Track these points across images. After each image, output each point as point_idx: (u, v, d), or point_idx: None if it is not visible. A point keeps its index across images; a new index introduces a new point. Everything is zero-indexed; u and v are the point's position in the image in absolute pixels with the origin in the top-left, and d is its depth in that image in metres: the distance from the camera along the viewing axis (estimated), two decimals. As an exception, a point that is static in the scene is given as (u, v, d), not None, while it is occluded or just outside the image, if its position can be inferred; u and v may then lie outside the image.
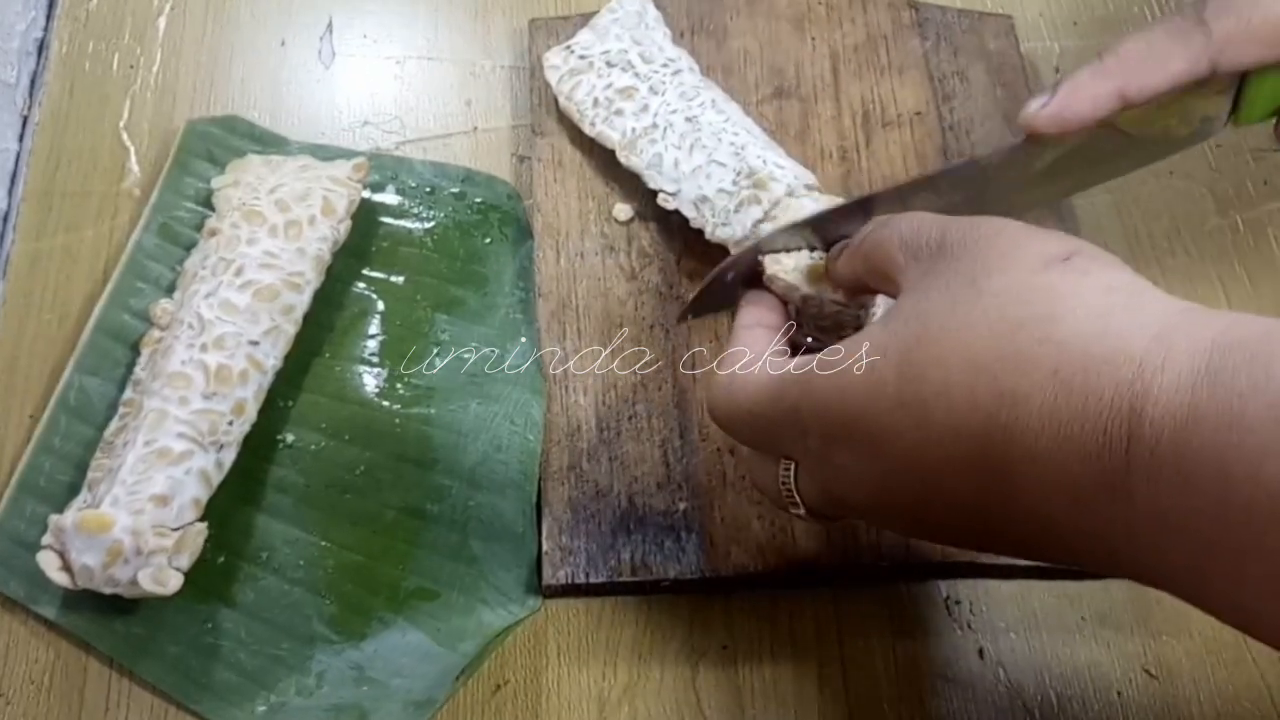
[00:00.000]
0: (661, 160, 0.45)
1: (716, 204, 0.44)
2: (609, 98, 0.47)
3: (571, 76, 0.48)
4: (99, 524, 0.37)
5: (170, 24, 0.54)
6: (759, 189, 0.42)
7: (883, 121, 0.49)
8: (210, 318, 0.41)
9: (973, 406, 0.27)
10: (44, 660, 0.41)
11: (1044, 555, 0.29)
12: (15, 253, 0.49)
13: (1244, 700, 0.40)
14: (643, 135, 0.46)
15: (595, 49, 0.48)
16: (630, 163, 0.46)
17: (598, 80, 0.47)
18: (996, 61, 0.50)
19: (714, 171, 0.44)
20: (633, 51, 0.48)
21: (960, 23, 0.51)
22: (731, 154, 0.44)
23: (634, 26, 0.49)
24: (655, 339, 0.44)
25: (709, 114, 0.46)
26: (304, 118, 0.52)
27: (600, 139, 0.47)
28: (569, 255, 0.46)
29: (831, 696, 0.40)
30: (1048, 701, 0.40)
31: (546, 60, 0.49)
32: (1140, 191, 0.50)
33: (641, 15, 0.50)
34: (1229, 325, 0.25)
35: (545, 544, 0.40)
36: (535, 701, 0.40)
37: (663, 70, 0.47)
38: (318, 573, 0.41)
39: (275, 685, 0.39)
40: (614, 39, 0.49)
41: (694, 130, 0.45)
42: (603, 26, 0.49)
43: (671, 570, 0.40)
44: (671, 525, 0.41)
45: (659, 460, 0.42)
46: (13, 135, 0.52)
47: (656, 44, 0.49)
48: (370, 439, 0.44)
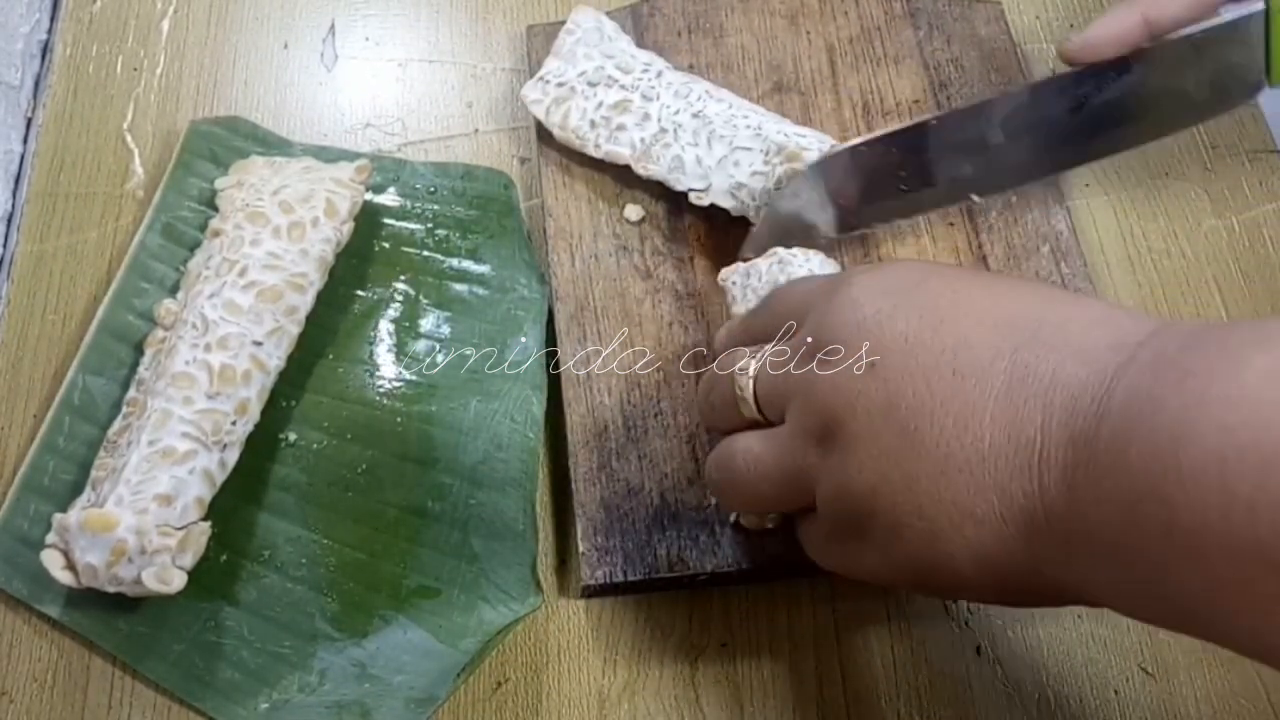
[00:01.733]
0: (682, 161, 0.45)
1: (754, 187, 0.44)
2: (605, 116, 0.47)
3: (558, 106, 0.47)
4: (103, 523, 0.37)
5: (174, 26, 0.55)
6: (792, 161, 0.43)
7: (882, 111, 0.50)
8: (214, 318, 0.41)
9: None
10: (47, 658, 0.41)
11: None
12: (20, 254, 0.49)
13: (1241, 699, 0.40)
14: (654, 143, 0.46)
15: (570, 73, 0.48)
16: (649, 172, 0.46)
17: (586, 103, 0.47)
18: (989, 47, 0.51)
19: (741, 158, 0.44)
20: (608, 66, 0.48)
21: (951, 11, 0.52)
22: (752, 136, 0.45)
23: (598, 42, 0.49)
24: (674, 336, 0.45)
25: (711, 105, 0.46)
26: (306, 119, 0.52)
27: (610, 158, 0.47)
28: (583, 258, 0.47)
29: (830, 694, 0.40)
30: (1045, 700, 0.40)
31: (526, 96, 0.48)
32: (1136, 192, 0.50)
33: (600, 29, 0.49)
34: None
35: (581, 545, 0.41)
36: (536, 699, 0.40)
37: (645, 75, 0.47)
38: (320, 571, 0.42)
39: (278, 683, 0.40)
40: (583, 59, 0.48)
41: (704, 125, 0.45)
42: (567, 50, 0.48)
43: (709, 564, 0.40)
44: (705, 520, 0.41)
45: (687, 456, 0.42)
46: (17, 137, 0.53)
47: (627, 53, 0.48)
48: (372, 438, 0.44)
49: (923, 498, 0.27)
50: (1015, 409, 0.26)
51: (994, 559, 0.27)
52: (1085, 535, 0.25)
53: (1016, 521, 0.26)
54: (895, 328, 0.29)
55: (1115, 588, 0.25)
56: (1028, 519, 0.26)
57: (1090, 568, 0.25)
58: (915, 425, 0.27)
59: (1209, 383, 0.23)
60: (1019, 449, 0.26)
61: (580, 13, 0.49)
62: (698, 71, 0.50)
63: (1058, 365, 0.26)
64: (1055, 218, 0.47)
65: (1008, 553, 0.27)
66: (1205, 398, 0.22)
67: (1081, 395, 0.25)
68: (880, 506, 0.28)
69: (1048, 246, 0.46)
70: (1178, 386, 0.23)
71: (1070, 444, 0.25)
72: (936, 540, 0.28)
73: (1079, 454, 0.25)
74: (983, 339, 0.27)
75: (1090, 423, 0.25)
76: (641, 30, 0.52)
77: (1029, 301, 0.28)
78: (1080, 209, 0.49)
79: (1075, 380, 0.26)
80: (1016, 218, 0.47)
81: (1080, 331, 0.27)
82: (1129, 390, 0.24)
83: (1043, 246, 0.46)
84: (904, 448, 0.28)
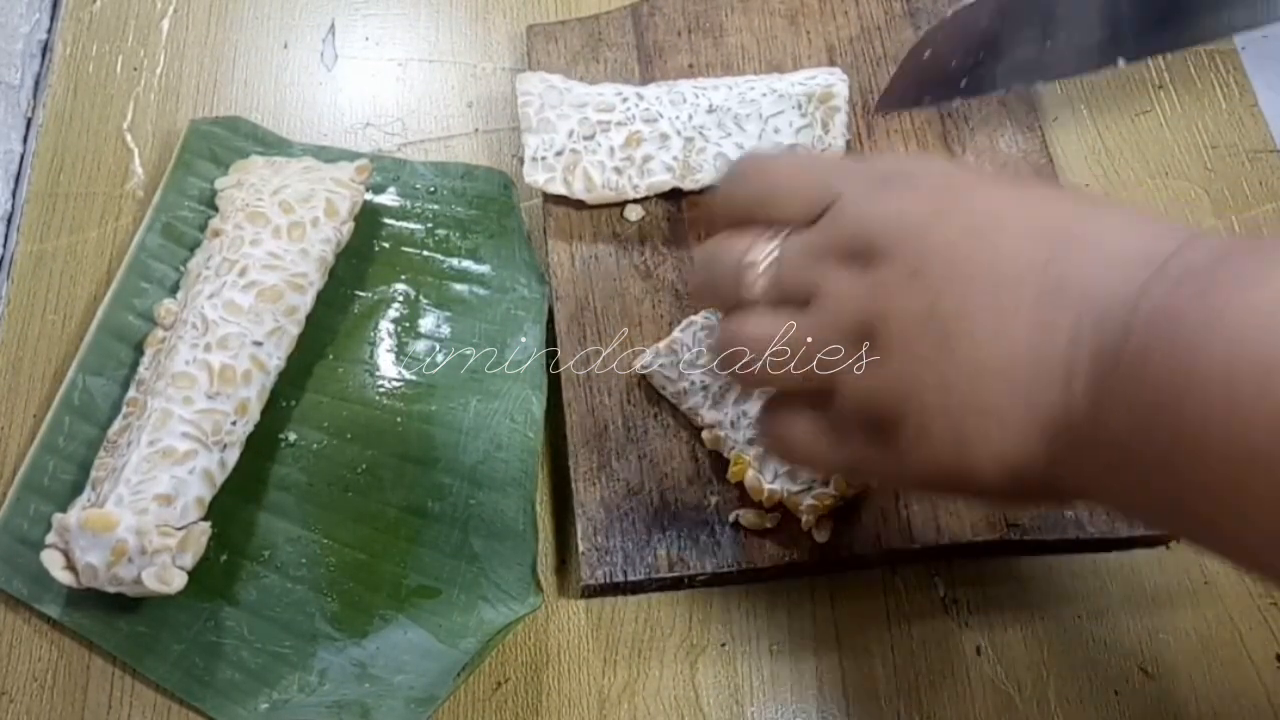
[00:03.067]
0: (726, 156, 0.45)
1: (806, 142, 0.45)
2: (624, 159, 0.46)
3: (572, 173, 0.46)
4: (104, 523, 0.37)
5: (173, 26, 0.55)
6: (826, 102, 0.44)
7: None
8: (214, 318, 0.41)
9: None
10: (47, 658, 0.41)
11: None
12: (19, 254, 0.49)
13: (1241, 699, 0.40)
14: (689, 154, 0.46)
15: (558, 139, 0.46)
16: (698, 183, 0.46)
17: (596, 156, 0.46)
18: None
19: (777, 124, 0.45)
20: (590, 113, 0.46)
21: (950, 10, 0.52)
22: (775, 100, 0.45)
23: (559, 100, 0.47)
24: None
25: (712, 94, 0.46)
26: (306, 119, 0.52)
27: (654, 190, 0.46)
28: (583, 258, 0.47)
29: (830, 694, 0.40)
30: (1045, 699, 0.40)
31: (531, 180, 0.46)
32: (1136, 191, 0.50)
33: (552, 86, 0.47)
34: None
35: (581, 545, 0.41)
36: (536, 699, 0.40)
37: (629, 103, 0.47)
38: (320, 571, 0.42)
39: (278, 683, 0.40)
40: (560, 120, 0.47)
41: (725, 114, 0.46)
42: (537, 120, 0.47)
43: (709, 564, 0.40)
44: (705, 520, 0.41)
45: (687, 456, 0.42)
46: (17, 137, 0.53)
47: (593, 93, 0.47)
48: (372, 438, 0.44)
49: (954, 403, 0.28)
50: (1048, 320, 0.27)
51: (1014, 462, 0.28)
52: (1104, 443, 0.26)
53: (1042, 427, 0.27)
54: (940, 236, 0.29)
55: (1123, 491, 0.27)
56: (1053, 426, 0.27)
57: (1104, 472, 0.26)
58: (952, 332, 0.28)
59: (1228, 297, 0.24)
60: (1049, 359, 0.27)
61: (525, 81, 0.47)
62: (697, 71, 0.50)
63: (1090, 277, 0.27)
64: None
65: (1029, 455, 0.27)
66: (1222, 312, 0.24)
67: (1110, 308, 0.26)
68: (910, 409, 0.29)
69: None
70: (1199, 300, 0.24)
71: (1098, 356, 0.26)
72: (963, 443, 0.28)
73: (1105, 365, 0.26)
74: (1020, 250, 0.28)
75: (1117, 336, 0.26)
76: (641, 30, 0.52)
77: (1065, 211, 0.29)
78: (1080, 209, 0.49)
79: (1106, 292, 0.26)
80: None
81: (1113, 243, 0.27)
82: (1154, 304, 0.25)
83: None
84: (940, 354, 0.28)
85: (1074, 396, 0.26)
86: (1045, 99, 0.52)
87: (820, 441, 0.33)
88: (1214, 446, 0.23)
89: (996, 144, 0.48)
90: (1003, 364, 0.27)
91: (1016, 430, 0.27)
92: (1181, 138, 0.51)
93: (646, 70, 0.51)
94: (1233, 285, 0.24)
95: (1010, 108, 0.49)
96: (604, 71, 0.51)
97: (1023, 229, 0.29)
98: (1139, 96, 0.52)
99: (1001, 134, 0.49)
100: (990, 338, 0.28)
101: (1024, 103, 0.49)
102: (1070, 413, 0.26)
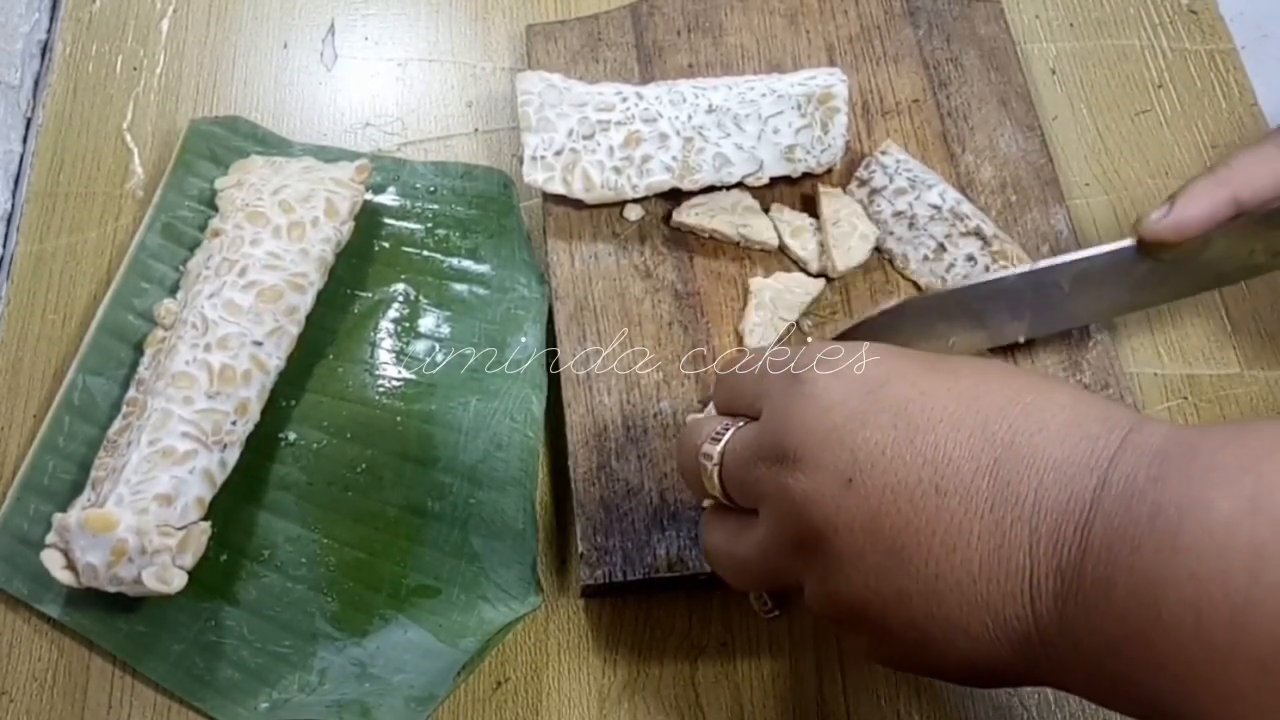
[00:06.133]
0: (725, 156, 0.45)
1: (804, 143, 0.45)
2: (623, 159, 0.46)
3: (571, 172, 0.46)
4: (104, 523, 0.37)
5: (173, 26, 0.55)
6: (826, 103, 0.45)
7: (882, 110, 0.50)
8: (214, 318, 0.41)
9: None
10: (47, 658, 0.41)
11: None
12: (19, 254, 0.49)
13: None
14: (688, 154, 0.46)
15: (557, 138, 0.46)
16: (697, 183, 0.46)
17: (595, 156, 0.46)
18: (988, 46, 0.51)
19: (777, 124, 0.45)
20: (589, 112, 0.46)
21: (950, 10, 0.52)
22: (774, 100, 0.45)
23: (559, 99, 0.47)
24: (674, 335, 0.45)
25: (711, 95, 0.46)
26: (306, 119, 0.53)
27: (653, 191, 0.46)
28: (583, 257, 0.47)
29: (829, 693, 0.40)
30: (1044, 699, 0.40)
31: (530, 179, 0.46)
32: (1137, 193, 0.50)
33: (552, 85, 0.47)
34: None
35: (580, 545, 0.41)
36: (536, 698, 0.40)
37: (628, 102, 0.47)
38: (320, 570, 0.42)
39: (278, 682, 0.40)
40: (559, 119, 0.46)
41: (724, 114, 0.46)
42: (537, 119, 0.46)
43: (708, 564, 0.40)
44: None
45: None
46: (16, 137, 0.53)
47: (592, 92, 0.47)
48: (371, 437, 0.44)
49: (915, 613, 0.28)
50: (1002, 531, 0.26)
51: (984, 664, 0.28)
52: (1078, 656, 0.26)
53: (1010, 638, 0.27)
54: (869, 437, 0.28)
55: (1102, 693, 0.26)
56: (1022, 637, 0.27)
57: (1083, 679, 0.26)
58: (902, 544, 0.27)
59: (1178, 525, 0.23)
60: (1009, 574, 0.26)
61: (525, 80, 0.47)
62: (697, 71, 0.50)
63: (1038, 486, 0.26)
64: (1055, 217, 0.47)
65: (998, 658, 0.27)
66: (1176, 545, 0.23)
67: (1064, 523, 0.26)
68: (870, 615, 0.29)
69: (1047, 246, 0.46)
70: (1150, 525, 0.24)
71: (1059, 574, 0.26)
72: (927, 647, 0.28)
73: (1067, 585, 0.25)
74: (961, 451, 0.27)
75: (1075, 554, 0.25)
76: (641, 30, 0.52)
77: (999, 402, 0.28)
78: (1080, 209, 0.49)
79: (1057, 506, 0.26)
80: (1016, 217, 0.47)
81: (1055, 442, 0.27)
82: (1106, 525, 0.25)
83: (1043, 246, 0.46)
84: (892, 565, 0.28)
85: (1040, 614, 0.26)
86: (1045, 99, 0.52)
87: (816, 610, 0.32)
88: (1197, 683, 0.23)
89: (996, 144, 0.48)
90: (961, 577, 0.27)
91: (985, 641, 0.27)
92: (1181, 138, 0.51)
93: (646, 70, 0.51)
94: (1180, 510, 0.23)
95: (1010, 107, 0.49)
96: (603, 71, 0.51)
97: (962, 425, 0.28)
98: (1139, 96, 0.52)
99: (1001, 134, 0.49)
100: (943, 548, 0.27)
101: (1024, 102, 0.49)
102: (1040, 627, 0.26)
